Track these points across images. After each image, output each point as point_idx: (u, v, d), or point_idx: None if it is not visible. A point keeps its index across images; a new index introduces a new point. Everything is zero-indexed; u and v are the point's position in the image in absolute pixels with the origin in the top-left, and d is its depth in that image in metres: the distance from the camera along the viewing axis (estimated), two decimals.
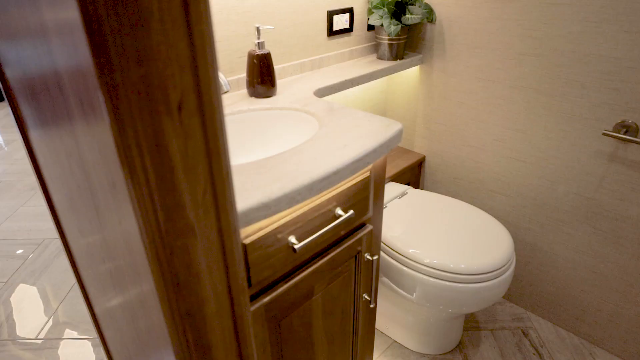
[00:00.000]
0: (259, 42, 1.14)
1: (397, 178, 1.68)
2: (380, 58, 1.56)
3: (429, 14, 1.48)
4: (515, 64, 1.42)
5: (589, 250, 1.45)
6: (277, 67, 1.33)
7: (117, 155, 0.47)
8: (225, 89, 0.96)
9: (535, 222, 1.55)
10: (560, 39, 1.30)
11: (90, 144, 0.57)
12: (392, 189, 1.58)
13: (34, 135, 0.90)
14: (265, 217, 0.71)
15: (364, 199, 0.95)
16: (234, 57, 1.21)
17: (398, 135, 0.95)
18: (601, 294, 1.47)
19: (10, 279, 1.99)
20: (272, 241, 0.78)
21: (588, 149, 1.35)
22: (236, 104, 1.14)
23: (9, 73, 0.83)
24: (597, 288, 1.47)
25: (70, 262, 1.12)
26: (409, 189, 1.59)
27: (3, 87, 0.87)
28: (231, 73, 1.22)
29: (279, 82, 1.33)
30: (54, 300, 1.86)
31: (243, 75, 1.25)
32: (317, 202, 0.85)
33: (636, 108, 1.23)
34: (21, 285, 1.95)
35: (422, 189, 1.87)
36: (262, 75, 1.16)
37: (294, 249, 0.79)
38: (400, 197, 1.53)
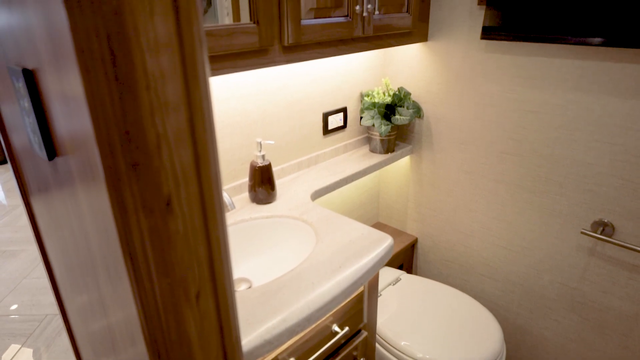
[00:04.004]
0: (260, 155, 1.24)
1: (391, 262, 1.76)
2: (372, 151, 1.67)
3: (417, 113, 1.60)
4: (498, 161, 1.52)
5: (577, 338, 1.50)
6: (276, 168, 1.43)
7: (143, 340, 0.54)
8: (230, 209, 1.04)
9: (525, 307, 1.62)
10: (537, 143, 1.41)
11: (116, 318, 0.65)
12: (386, 275, 1.65)
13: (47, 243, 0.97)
14: (268, 352, 0.78)
15: (359, 311, 1.02)
16: (237, 164, 1.31)
17: (389, 252, 1.04)
18: None
19: (12, 359, 2.01)
20: None
21: (569, 243, 1.43)
22: (239, 212, 1.23)
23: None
24: None
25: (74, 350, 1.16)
26: (403, 275, 1.66)
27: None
28: (234, 179, 1.32)
29: (278, 182, 1.43)
30: None
31: (245, 180, 1.34)
32: (315, 323, 0.92)
33: (611, 209, 1.32)
34: None
35: (415, 269, 1.94)
36: (263, 183, 1.26)
37: None
38: (394, 284, 1.60)
